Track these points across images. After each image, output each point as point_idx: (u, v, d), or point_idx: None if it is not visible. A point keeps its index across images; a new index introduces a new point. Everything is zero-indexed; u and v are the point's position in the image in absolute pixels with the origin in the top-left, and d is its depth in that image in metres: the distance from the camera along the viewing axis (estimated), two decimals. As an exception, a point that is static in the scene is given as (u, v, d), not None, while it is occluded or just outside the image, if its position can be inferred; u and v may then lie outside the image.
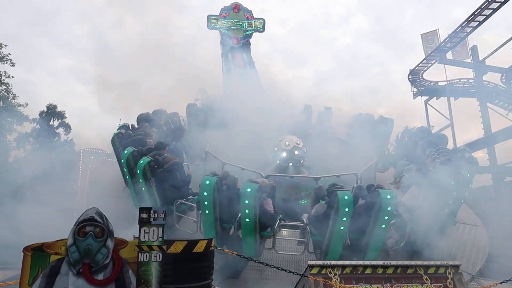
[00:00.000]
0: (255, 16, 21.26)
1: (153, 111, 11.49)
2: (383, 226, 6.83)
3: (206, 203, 6.65)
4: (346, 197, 6.51)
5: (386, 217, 6.80)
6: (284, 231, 7.77)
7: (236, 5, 21.08)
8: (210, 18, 20.87)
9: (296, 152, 10.06)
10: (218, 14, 21.01)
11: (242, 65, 19.75)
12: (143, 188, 7.57)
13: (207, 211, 6.73)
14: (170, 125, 11.26)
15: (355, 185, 7.64)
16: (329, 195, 6.88)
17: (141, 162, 7.47)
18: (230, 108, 12.79)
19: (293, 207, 8.42)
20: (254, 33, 21.32)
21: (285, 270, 6.02)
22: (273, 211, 7.03)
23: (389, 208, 6.70)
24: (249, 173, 8.61)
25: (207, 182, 6.67)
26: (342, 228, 6.58)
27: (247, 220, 6.50)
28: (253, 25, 21.11)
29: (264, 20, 21.35)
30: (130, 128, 9.84)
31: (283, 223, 7.19)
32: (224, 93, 18.29)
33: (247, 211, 6.46)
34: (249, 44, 21.18)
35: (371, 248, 6.88)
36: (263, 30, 21.35)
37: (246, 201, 6.45)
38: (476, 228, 9.62)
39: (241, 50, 20.63)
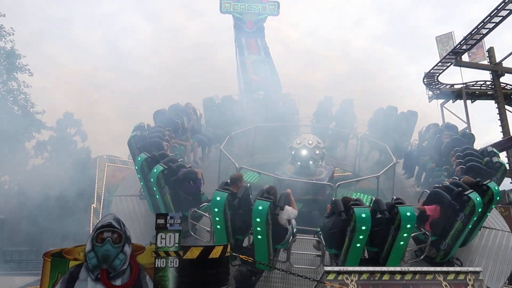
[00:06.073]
0: (269, -1, 20.34)
1: (170, 106, 11.31)
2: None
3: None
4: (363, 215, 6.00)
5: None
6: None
7: (250, -12, 20.10)
8: (222, 2, 19.84)
9: (317, 152, 9.89)
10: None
11: (256, 51, 18.82)
12: (157, 196, 7.45)
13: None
14: (184, 122, 10.92)
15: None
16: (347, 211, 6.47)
17: (155, 170, 7.15)
18: (246, 103, 12.61)
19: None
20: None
21: (302, 276, 5.98)
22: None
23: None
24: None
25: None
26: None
27: None
28: (267, 8, 20.23)
29: (278, 3, 20.30)
30: (146, 128, 9.50)
31: (298, 236, 6.83)
32: (238, 81, 17.72)
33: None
34: (263, 28, 20.22)
35: None
36: (277, 14, 20.36)
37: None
38: (503, 234, 8.58)
39: (255, 35, 19.77)
